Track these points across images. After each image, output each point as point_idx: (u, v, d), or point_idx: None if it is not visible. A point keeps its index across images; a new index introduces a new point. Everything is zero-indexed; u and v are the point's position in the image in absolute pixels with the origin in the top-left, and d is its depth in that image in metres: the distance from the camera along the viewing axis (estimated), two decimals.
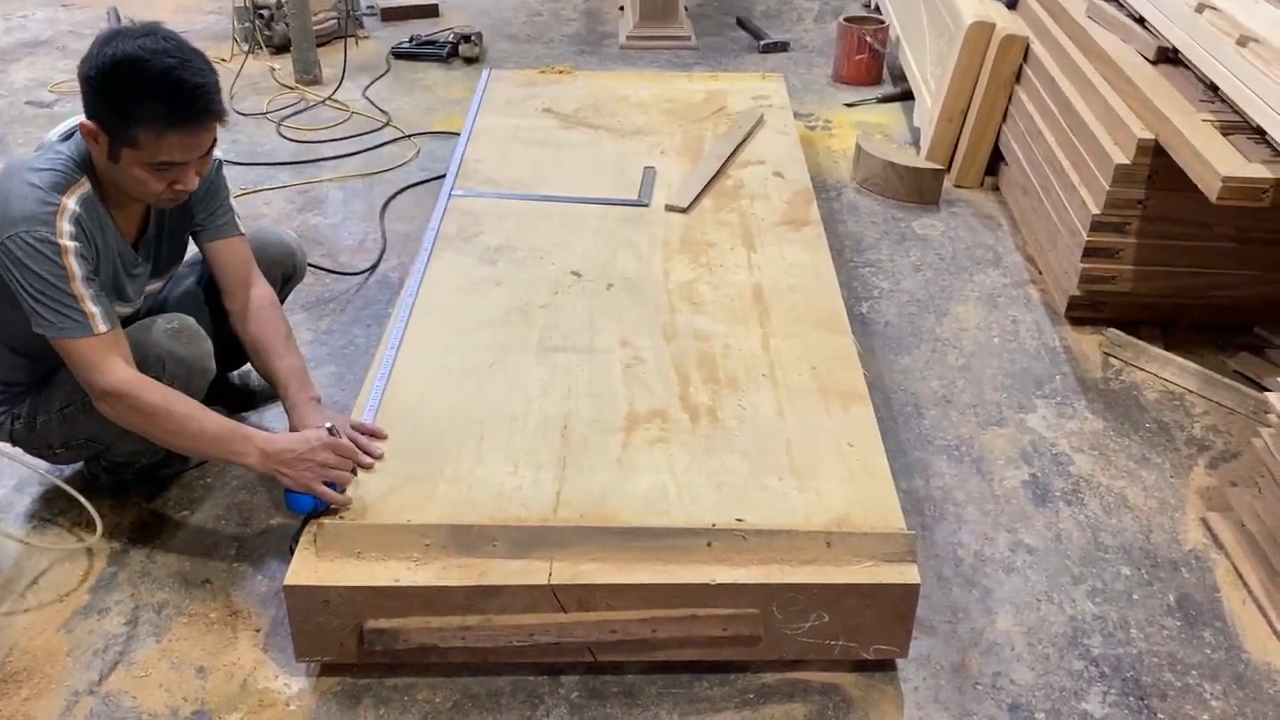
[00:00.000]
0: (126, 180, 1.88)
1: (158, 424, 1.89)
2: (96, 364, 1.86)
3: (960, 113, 3.65)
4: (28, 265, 1.81)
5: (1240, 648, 1.99)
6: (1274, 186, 2.27)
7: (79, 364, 1.87)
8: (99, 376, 1.86)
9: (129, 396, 1.87)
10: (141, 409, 1.88)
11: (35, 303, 1.83)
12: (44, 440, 2.12)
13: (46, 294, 1.83)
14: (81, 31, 5.05)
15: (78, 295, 1.84)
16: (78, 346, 1.86)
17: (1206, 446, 2.49)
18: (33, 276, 1.82)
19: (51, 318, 1.84)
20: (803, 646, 1.85)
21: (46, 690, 1.85)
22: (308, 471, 1.88)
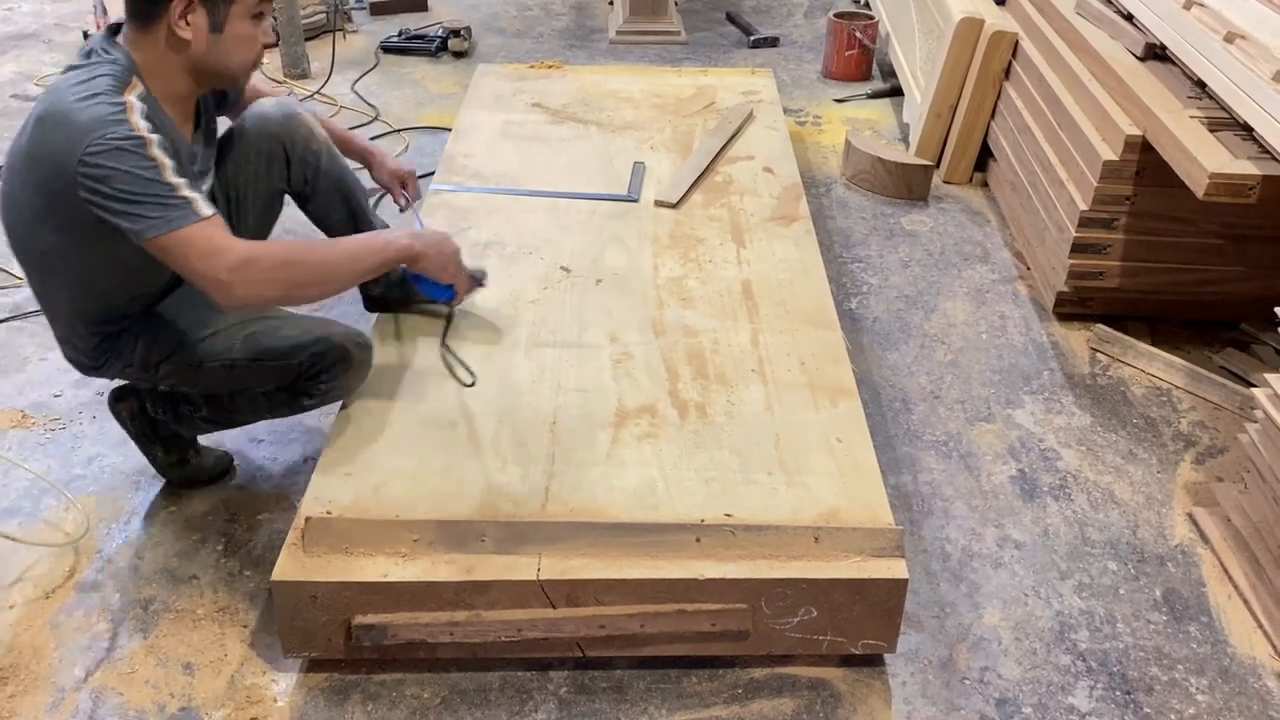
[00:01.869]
0: (230, 49, 1.82)
1: (299, 268, 1.81)
2: (215, 245, 1.73)
3: (949, 109, 3.65)
4: (114, 168, 1.68)
5: (1226, 642, 2.00)
6: (1260, 183, 2.27)
7: (196, 253, 1.72)
8: (222, 256, 1.73)
9: (259, 259, 1.76)
10: (275, 267, 1.78)
11: (133, 204, 1.69)
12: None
13: (142, 191, 1.69)
14: (67, 25, 5.02)
15: (174, 184, 1.71)
16: (190, 235, 1.71)
17: (1193, 442, 2.50)
18: (123, 177, 1.68)
19: (155, 214, 1.69)
20: (791, 642, 1.85)
21: (33, 687, 1.85)
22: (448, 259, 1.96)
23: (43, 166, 1.75)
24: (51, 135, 1.72)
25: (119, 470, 2.33)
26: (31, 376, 2.62)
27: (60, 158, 1.70)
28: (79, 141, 1.68)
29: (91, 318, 1.96)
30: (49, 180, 1.74)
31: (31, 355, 2.70)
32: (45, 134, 1.74)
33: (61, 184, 1.71)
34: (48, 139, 1.73)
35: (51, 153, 1.72)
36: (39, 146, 1.75)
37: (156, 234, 1.70)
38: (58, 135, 1.71)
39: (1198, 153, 2.35)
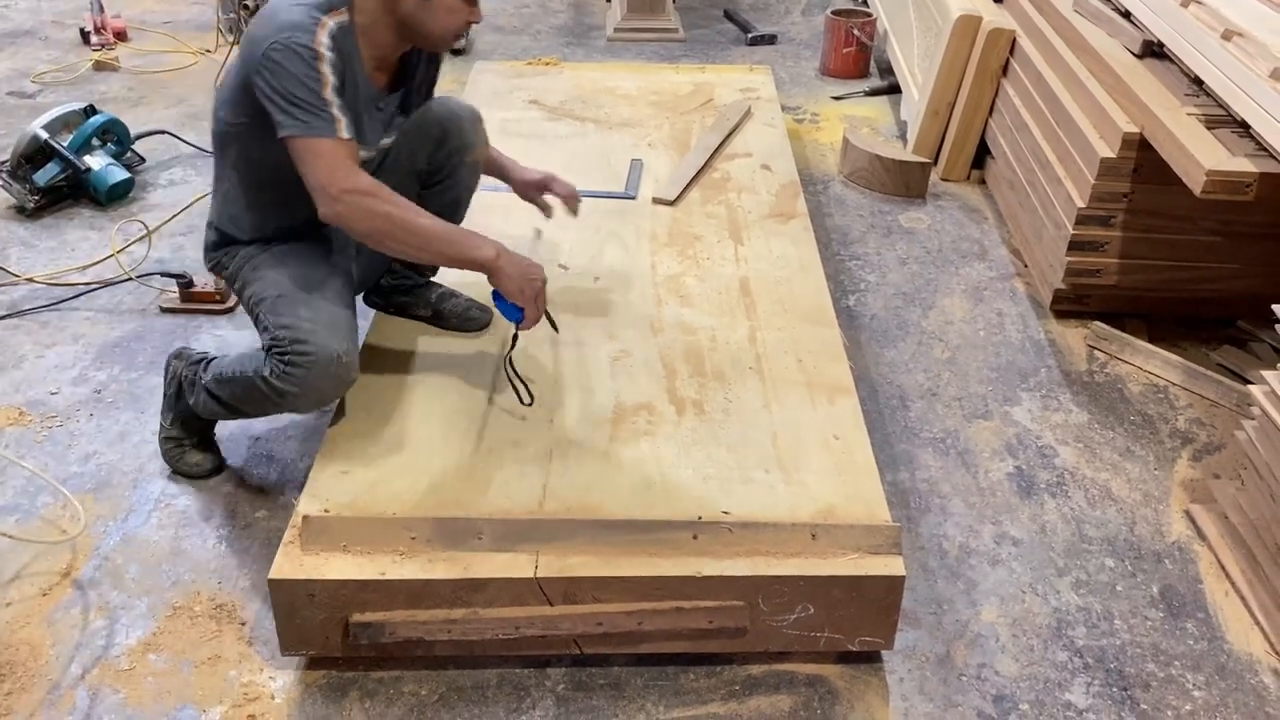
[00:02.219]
0: (436, 14, 1.94)
1: (396, 221, 1.91)
2: (342, 163, 1.87)
3: (947, 106, 3.65)
4: (285, 67, 1.83)
5: (1222, 639, 2.00)
6: (1258, 180, 2.27)
7: (323, 164, 1.86)
8: (342, 176, 1.87)
9: (373, 195, 1.89)
10: (382, 209, 1.89)
11: (287, 103, 1.84)
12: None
13: (299, 96, 1.84)
14: (64, 21, 5.01)
15: (327, 100, 1.86)
16: (323, 145, 1.86)
17: (1190, 439, 2.51)
18: (288, 78, 1.84)
19: (301, 117, 1.84)
20: (789, 638, 1.85)
21: (29, 685, 1.85)
22: (528, 284, 2.00)
23: (243, 51, 1.93)
24: (256, 26, 1.91)
25: (116, 468, 2.33)
26: (29, 374, 2.62)
27: (254, 45, 1.87)
28: (270, 36, 1.85)
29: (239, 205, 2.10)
30: (244, 64, 1.92)
31: (29, 353, 2.70)
32: (254, 24, 1.92)
33: (249, 69, 1.89)
34: (253, 29, 1.91)
35: (250, 40, 1.90)
36: (247, 34, 1.93)
37: (294, 134, 1.86)
38: (259, 27, 1.89)
39: (1195, 150, 2.35)
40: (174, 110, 4.12)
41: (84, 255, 3.11)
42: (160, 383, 2.57)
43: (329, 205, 1.88)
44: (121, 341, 2.75)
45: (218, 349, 2.69)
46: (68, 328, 2.80)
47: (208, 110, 4.07)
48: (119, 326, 2.81)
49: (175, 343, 2.72)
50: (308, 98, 1.84)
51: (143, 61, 4.60)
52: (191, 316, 2.84)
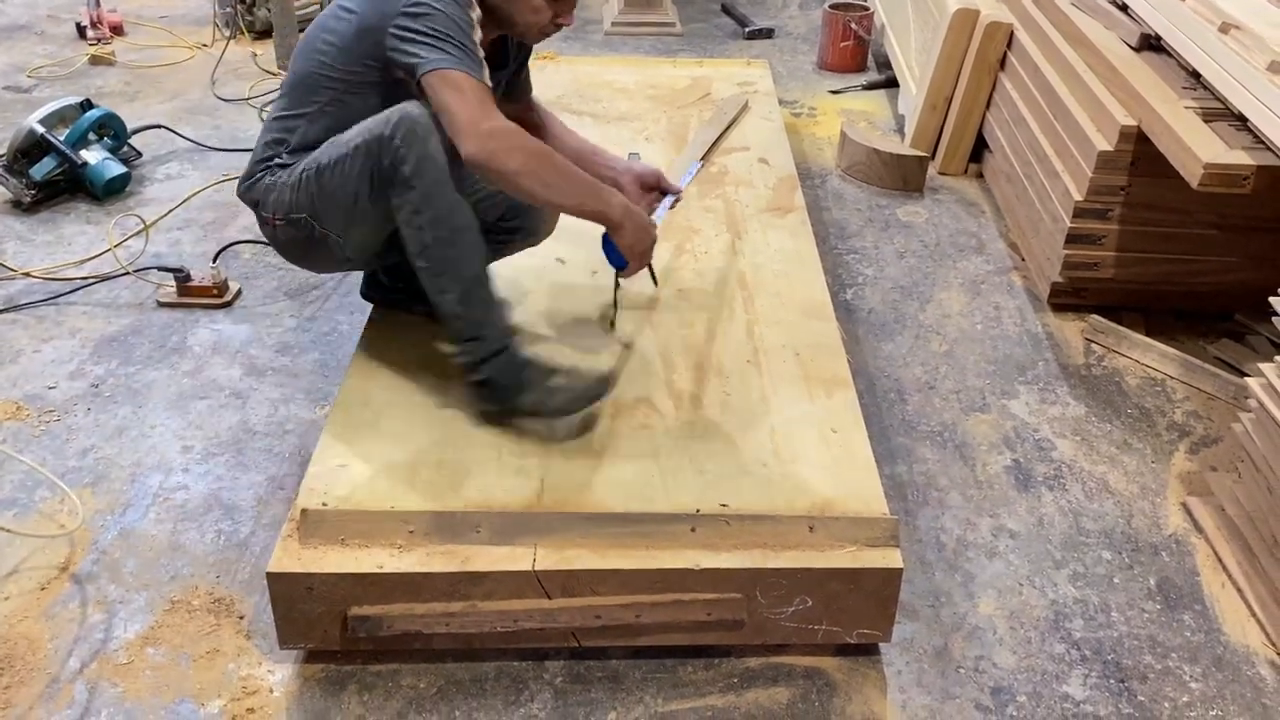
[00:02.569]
0: (517, 9, 1.96)
1: (545, 159, 1.89)
2: (489, 102, 1.85)
3: (944, 100, 3.65)
4: (440, 9, 1.84)
5: (1219, 630, 2.01)
6: (1255, 173, 2.28)
7: (473, 100, 1.82)
8: (492, 112, 1.84)
9: (517, 135, 1.86)
10: (533, 144, 1.88)
11: (441, 40, 1.83)
12: (271, 206, 2.07)
13: (452, 34, 1.83)
14: (60, 15, 5.00)
15: (477, 44, 1.87)
16: (474, 83, 1.83)
17: (1187, 432, 2.51)
18: (444, 19, 1.84)
19: (453, 52, 1.82)
20: (786, 631, 1.86)
21: (28, 678, 1.85)
22: (640, 241, 2.03)
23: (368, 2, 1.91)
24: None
25: (114, 462, 2.33)
26: (26, 369, 2.62)
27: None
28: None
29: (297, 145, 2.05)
30: (376, 11, 1.89)
31: (26, 347, 2.69)
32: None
33: (384, 15, 1.87)
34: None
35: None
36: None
37: (449, 68, 1.82)
38: None
39: (1192, 143, 2.35)
40: (171, 105, 4.12)
41: (81, 250, 3.10)
42: (158, 377, 2.58)
43: (477, 142, 1.81)
44: (119, 336, 2.75)
45: (215, 344, 2.70)
46: (65, 322, 2.80)
47: (204, 104, 4.10)
48: (116, 321, 2.80)
49: (172, 337, 2.73)
50: (460, 37, 1.84)
51: (139, 56, 4.59)
52: (189, 311, 2.84)
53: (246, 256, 3.10)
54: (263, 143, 2.10)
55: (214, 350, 2.70)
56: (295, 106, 2.06)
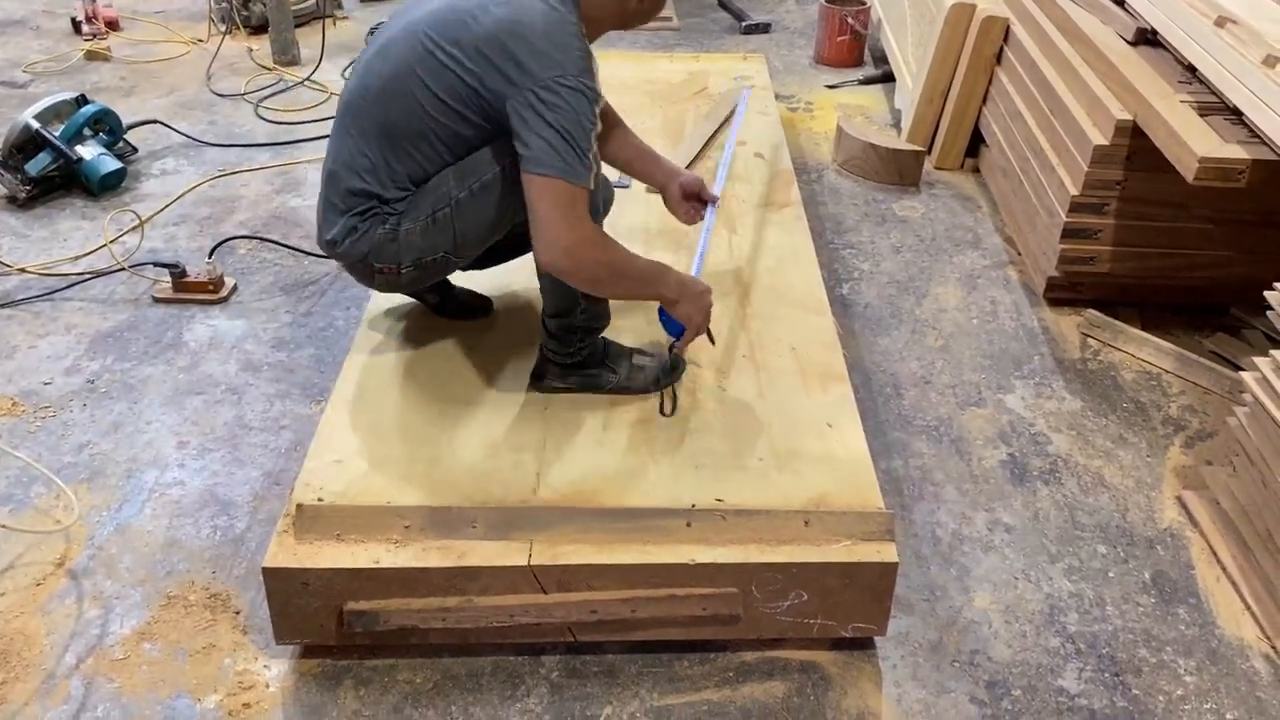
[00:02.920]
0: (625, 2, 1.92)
1: (614, 270, 1.92)
2: (579, 212, 1.84)
3: (941, 94, 3.65)
4: (571, 107, 1.79)
5: (1214, 624, 2.01)
6: (1250, 167, 2.28)
7: (566, 213, 1.81)
8: (578, 224, 1.83)
9: (600, 246, 1.89)
10: (604, 259, 1.90)
11: (559, 139, 1.79)
12: (396, 255, 1.98)
13: (575, 137, 1.80)
14: (55, 11, 4.99)
15: (592, 146, 1.84)
16: (574, 192, 1.82)
17: (1183, 426, 2.51)
18: (571, 117, 1.79)
19: (567, 159, 1.79)
20: (782, 625, 1.86)
21: (24, 674, 1.85)
22: (698, 311, 2.04)
23: (492, 66, 1.82)
24: (518, 46, 1.80)
25: (109, 458, 2.33)
26: (21, 364, 2.62)
27: (520, 69, 1.80)
28: (557, 69, 1.79)
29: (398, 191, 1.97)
30: (506, 78, 1.81)
31: (21, 343, 2.69)
32: (512, 41, 1.81)
33: (501, 84, 1.81)
34: (513, 47, 1.80)
35: (513, 60, 1.81)
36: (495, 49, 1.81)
37: (553, 174, 1.80)
38: (532, 40, 1.80)
39: (1188, 137, 2.35)
40: (166, 100, 4.11)
41: (76, 245, 3.10)
42: (153, 373, 2.58)
43: (558, 256, 1.83)
44: (114, 332, 2.74)
45: (211, 339, 2.70)
46: (60, 318, 2.80)
47: (200, 100, 4.09)
48: (112, 316, 2.80)
49: (168, 333, 2.73)
50: (580, 142, 1.80)
51: (134, 51, 4.58)
52: (184, 306, 2.84)
53: (242, 252, 3.10)
54: (343, 191, 1.96)
55: (210, 346, 2.69)
56: (387, 155, 1.94)
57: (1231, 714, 1.84)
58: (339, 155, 1.98)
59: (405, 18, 1.96)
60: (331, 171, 1.99)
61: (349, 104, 1.99)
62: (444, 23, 1.87)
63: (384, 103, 1.92)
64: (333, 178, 1.99)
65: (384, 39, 1.98)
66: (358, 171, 1.95)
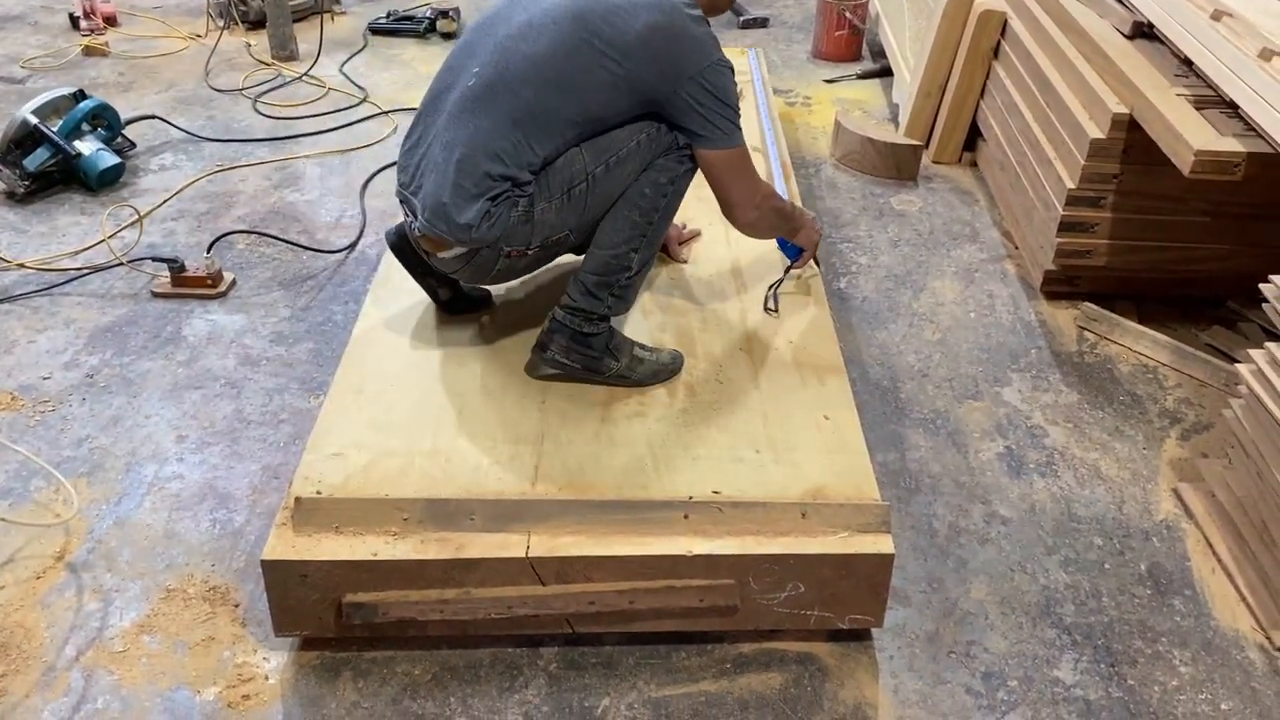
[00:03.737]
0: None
1: (782, 214, 2.27)
2: (753, 170, 2.11)
3: (938, 88, 3.65)
4: (724, 86, 1.99)
5: (1209, 615, 2.02)
6: (1246, 160, 2.28)
7: (748, 176, 2.11)
8: (758, 186, 2.14)
9: (773, 194, 2.22)
10: (778, 206, 2.25)
11: (722, 118, 2.01)
12: (528, 236, 2.01)
13: (733, 110, 2.02)
14: (53, 6, 4.99)
15: (740, 111, 2.06)
16: (745, 157, 2.08)
17: (1179, 418, 2.52)
18: (728, 96, 2.00)
19: (730, 131, 2.02)
20: (779, 617, 1.87)
21: (24, 666, 1.85)
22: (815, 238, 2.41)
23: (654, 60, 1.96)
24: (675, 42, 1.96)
25: (109, 451, 2.33)
26: (20, 359, 2.62)
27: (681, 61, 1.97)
28: (705, 56, 1.98)
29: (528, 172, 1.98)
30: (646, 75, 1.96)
31: (20, 338, 2.70)
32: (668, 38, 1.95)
33: (658, 79, 1.97)
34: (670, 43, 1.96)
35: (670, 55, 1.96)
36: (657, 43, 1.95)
37: (729, 147, 2.05)
38: (684, 45, 1.97)
39: (1184, 130, 2.35)
40: (164, 95, 4.11)
41: (75, 240, 3.10)
42: (152, 367, 2.59)
43: (750, 214, 2.14)
44: (113, 326, 2.75)
45: (210, 334, 2.71)
46: (59, 313, 2.80)
47: (198, 95, 4.09)
48: (110, 311, 2.81)
49: (167, 328, 2.73)
50: (733, 114, 2.02)
51: (132, 46, 4.58)
52: (183, 301, 2.84)
53: (240, 247, 3.10)
54: (479, 175, 1.94)
55: (208, 340, 2.70)
56: (531, 138, 1.95)
57: (1226, 704, 1.85)
58: (472, 139, 1.95)
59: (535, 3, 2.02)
60: (463, 156, 1.96)
61: (487, 85, 1.97)
62: (595, 14, 1.96)
63: (535, 86, 1.95)
64: (465, 162, 1.95)
65: (521, 21, 2.00)
66: (498, 154, 1.95)
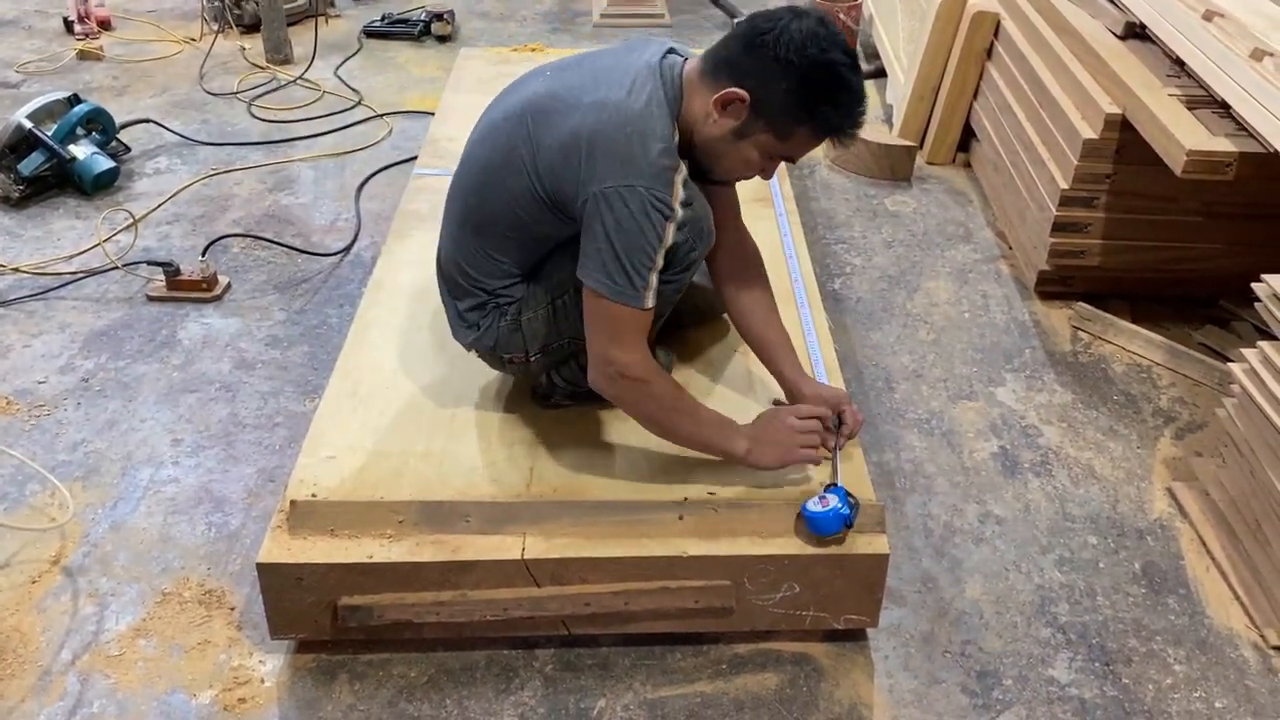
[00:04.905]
0: (728, 154, 1.76)
1: (660, 413, 1.82)
2: (626, 338, 1.74)
3: (932, 89, 3.66)
4: (633, 221, 1.66)
5: (1203, 614, 2.03)
6: (1237, 160, 2.29)
7: (608, 330, 1.74)
8: (623, 351, 1.74)
9: (651, 386, 1.78)
10: (654, 402, 1.81)
11: (611, 257, 1.68)
12: (522, 344, 1.94)
13: (628, 256, 1.68)
14: (48, 10, 4.98)
15: (653, 266, 1.70)
16: (620, 314, 1.72)
17: (1173, 418, 2.53)
18: (627, 235, 1.67)
19: (617, 280, 1.69)
20: (774, 617, 1.87)
21: (20, 670, 1.85)
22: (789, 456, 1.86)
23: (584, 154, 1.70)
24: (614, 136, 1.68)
25: (104, 455, 2.33)
26: (15, 363, 2.62)
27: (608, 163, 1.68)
28: (628, 176, 1.66)
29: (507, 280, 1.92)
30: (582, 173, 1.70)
31: (15, 343, 2.70)
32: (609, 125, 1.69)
33: (586, 183, 1.69)
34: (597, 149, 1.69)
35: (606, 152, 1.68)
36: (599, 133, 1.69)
37: (598, 292, 1.71)
38: (620, 142, 1.68)
39: (1176, 130, 2.36)
40: (159, 99, 4.11)
41: (70, 244, 3.10)
42: (147, 371, 2.59)
43: (602, 380, 1.78)
44: (108, 330, 2.75)
45: (205, 337, 2.71)
46: (54, 317, 2.80)
47: (192, 99, 4.09)
48: (106, 315, 2.81)
49: (162, 332, 2.73)
50: (637, 263, 1.68)
51: (127, 50, 4.58)
52: (178, 305, 2.84)
53: (235, 250, 3.10)
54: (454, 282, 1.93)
55: (203, 344, 2.70)
56: (483, 245, 1.88)
57: (1220, 702, 1.86)
58: (446, 246, 1.96)
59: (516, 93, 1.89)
60: (444, 261, 1.97)
61: (453, 189, 1.95)
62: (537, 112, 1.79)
63: (477, 194, 1.86)
64: (445, 268, 1.97)
65: (488, 119, 1.92)
66: (464, 264, 1.91)
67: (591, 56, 1.91)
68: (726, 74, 1.72)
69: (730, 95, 1.70)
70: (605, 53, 1.89)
